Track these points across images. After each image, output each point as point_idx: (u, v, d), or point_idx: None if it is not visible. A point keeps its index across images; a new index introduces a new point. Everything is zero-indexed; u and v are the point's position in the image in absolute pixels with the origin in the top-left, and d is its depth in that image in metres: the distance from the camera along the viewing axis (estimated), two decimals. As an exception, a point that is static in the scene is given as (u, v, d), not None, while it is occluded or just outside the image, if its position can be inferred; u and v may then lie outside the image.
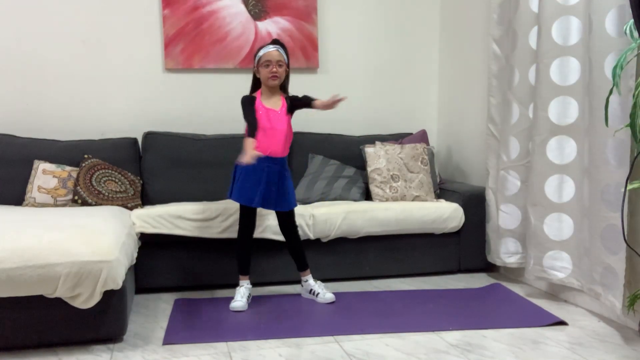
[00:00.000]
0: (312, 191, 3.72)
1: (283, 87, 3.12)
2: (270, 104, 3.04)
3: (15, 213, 2.98)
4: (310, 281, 3.17)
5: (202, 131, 4.02)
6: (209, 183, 3.75)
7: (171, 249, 3.31)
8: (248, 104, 3.01)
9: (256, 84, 3.11)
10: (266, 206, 3.03)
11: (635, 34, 2.39)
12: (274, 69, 2.98)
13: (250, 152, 2.80)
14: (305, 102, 3.07)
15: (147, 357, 2.43)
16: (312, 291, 3.15)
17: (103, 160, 3.61)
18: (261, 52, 3.02)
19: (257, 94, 3.06)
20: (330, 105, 2.98)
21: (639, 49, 2.40)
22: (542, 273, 3.11)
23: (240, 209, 3.09)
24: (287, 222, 3.12)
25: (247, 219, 3.08)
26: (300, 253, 3.17)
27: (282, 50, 3.03)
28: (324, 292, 3.12)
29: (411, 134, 4.24)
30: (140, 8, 3.96)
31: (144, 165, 3.76)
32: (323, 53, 4.28)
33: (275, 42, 3.06)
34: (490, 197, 3.58)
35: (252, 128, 2.94)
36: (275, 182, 3.00)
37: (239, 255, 3.11)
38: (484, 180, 3.74)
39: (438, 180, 3.93)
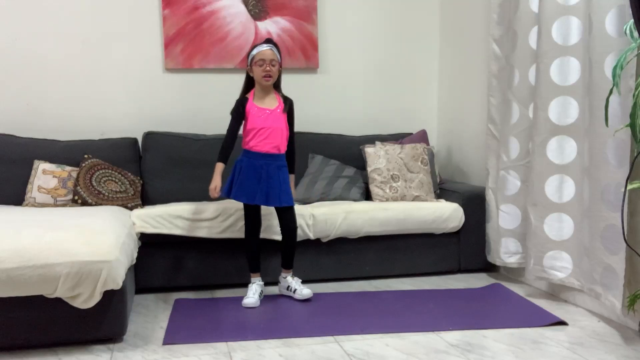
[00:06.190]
0: (312, 191, 3.71)
1: (276, 86, 3.14)
2: (265, 104, 3.06)
3: (15, 213, 2.98)
4: (288, 278, 3.19)
5: (202, 131, 4.02)
6: (209, 183, 3.74)
7: (171, 249, 3.31)
8: (235, 112, 3.07)
9: (249, 83, 3.13)
10: (269, 203, 3.04)
11: (635, 34, 2.39)
12: (268, 68, 3.00)
13: (214, 186, 3.01)
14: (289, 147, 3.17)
15: (147, 357, 2.43)
16: (290, 287, 3.16)
17: (103, 160, 3.61)
18: (255, 51, 3.03)
19: (249, 95, 3.08)
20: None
21: (639, 49, 2.40)
22: (542, 273, 3.11)
23: (244, 208, 3.10)
24: (289, 220, 3.12)
25: (252, 218, 3.10)
26: (292, 252, 3.18)
27: (275, 50, 3.04)
28: (301, 288, 3.13)
29: (411, 134, 4.24)
30: (140, 8, 3.96)
31: (144, 165, 3.76)
32: (323, 53, 4.28)
33: (268, 41, 3.07)
34: (490, 197, 3.58)
35: (224, 149, 3.04)
36: (276, 177, 3.03)
37: (247, 253, 3.14)
38: (484, 180, 3.74)
39: (438, 180, 3.93)
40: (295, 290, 3.14)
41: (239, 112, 3.05)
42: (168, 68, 4.02)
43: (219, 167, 3.03)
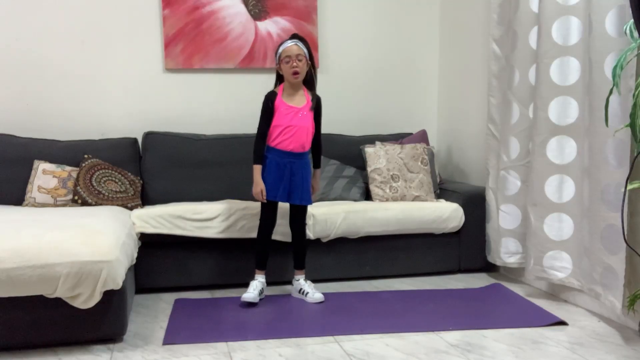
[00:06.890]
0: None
1: (310, 84, 3.12)
2: (294, 102, 3.05)
3: (15, 213, 2.98)
4: (301, 280, 3.20)
5: (202, 131, 4.02)
6: (209, 183, 3.75)
7: (171, 249, 3.31)
8: (264, 110, 3.03)
9: (279, 81, 3.12)
10: (291, 200, 3.07)
11: (635, 34, 2.39)
12: (294, 64, 2.98)
13: (259, 189, 2.98)
14: (314, 146, 3.17)
15: (147, 357, 2.43)
16: (302, 290, 3.16)
17: (103, 160, 3.61)
18: (280, 49, 3.02)
19: (279, 90, 3.06)
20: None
21: (639, 49, 2.40)
22: (542, 273, 3.11)
23: (261, 205, 3.10)
24: (301, 217, 3.14)
25: (269, 215, 3.10)
26: (303, 252, 3.20)
27: (301, 44, 3.02)
28: (313, 292, 3.13)
29: (411, 134, 4.23)
30: (140, 8, 3.96)
31: (144, 165, 3.76)
32: (323, 53, 4.28)
33: (294, 36, 3.06)
34: (490, 197, 3.58)
35: (259, 151, 3.02)
36: (299, 175, 3.05)
37: (257, 250, 3.14)
38: (484, 180, 3.73)
39: (438, 180, 3.93)
40: (307, 293, 3.13)
41: (269, 109, 3.02)
42: (168, 68, 4.02)
43: (258, 169, 3.01)
